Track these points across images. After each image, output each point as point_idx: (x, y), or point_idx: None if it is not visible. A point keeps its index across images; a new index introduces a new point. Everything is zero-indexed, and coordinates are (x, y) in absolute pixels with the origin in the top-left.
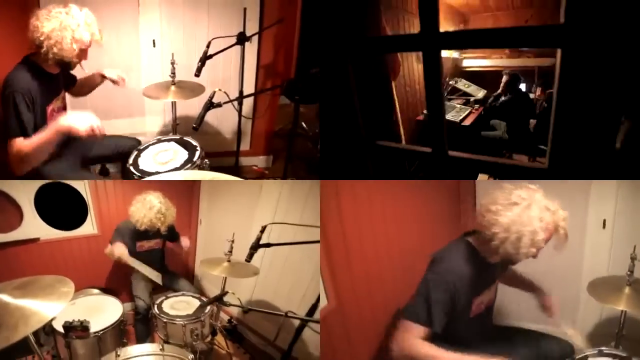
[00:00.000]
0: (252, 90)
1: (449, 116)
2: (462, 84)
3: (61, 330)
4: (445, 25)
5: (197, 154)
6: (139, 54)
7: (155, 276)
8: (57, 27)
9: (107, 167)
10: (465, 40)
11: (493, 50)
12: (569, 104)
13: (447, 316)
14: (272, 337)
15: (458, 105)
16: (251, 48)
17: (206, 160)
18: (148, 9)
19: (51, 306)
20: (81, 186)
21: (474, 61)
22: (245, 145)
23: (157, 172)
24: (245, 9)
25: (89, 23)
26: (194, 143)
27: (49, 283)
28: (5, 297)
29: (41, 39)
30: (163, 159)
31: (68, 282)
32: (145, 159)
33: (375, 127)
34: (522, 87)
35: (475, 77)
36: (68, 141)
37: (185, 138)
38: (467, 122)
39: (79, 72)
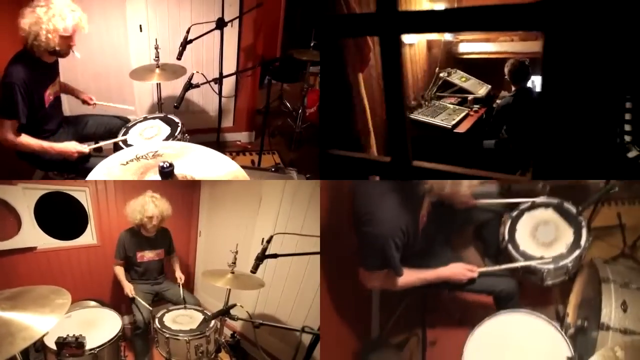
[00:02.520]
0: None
1: (437, 120)
2: (457, 77)
3: (53, 346)
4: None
5: (179, 129)
6: (127, 39)
7: (147, 311)
8: (33, 22)
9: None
10: (430, 22)
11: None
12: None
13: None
14: (279, 354)
15: (451, 106)
16: (232, 32)
17: (187, 135)
18: None
19: (43, 320)
20: (82, 196)
21: (473, 46)
22: (228, 122)
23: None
24: None
25: (72, 11)
26: (176, 120)
27: (43, 294)
28: None
29: (23, 35)
30: (148, 135)
31: (64, 292)
32: (133, 135)
33: (331, 129)
34: (537, 80)
35: (476, 67)
36: (63, 120)
37: (169, 116)
38: (461, 129)
39: (72, 59)
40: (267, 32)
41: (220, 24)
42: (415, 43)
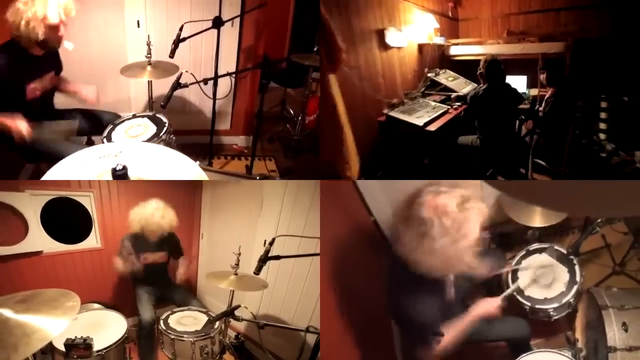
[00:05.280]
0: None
1: (411, 118)
2: (445, 77)
3: (62, 348)
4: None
5: (165, 129)
6: (125, 34)
7: (151, 313)
8: (15, 12)
9: (92, 139)
10: None
11: (488, 35)
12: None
13: None
14: (283, 355)
15: (433, 103)
16: (233, 31)
17: (173, 136)
18: None
19: (55, 322)
20: (87, 200)
21: (463, 48)
22: (225, 125)
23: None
24: None
25: (59, 3)
26: (164, 120)
27: (53, 297)
28: (6, 312)
29: (7, 27)
30: (133, 133)
31: (73, 295)
32: (118, 133)
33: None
34: (521, 80)
35: (466, 68)
36: (52, 114)
37: (157, 115)
38: (433, 127)
39: (69, 53)
40: (272, 34)
41: (218, 23)
42: (405, 46)
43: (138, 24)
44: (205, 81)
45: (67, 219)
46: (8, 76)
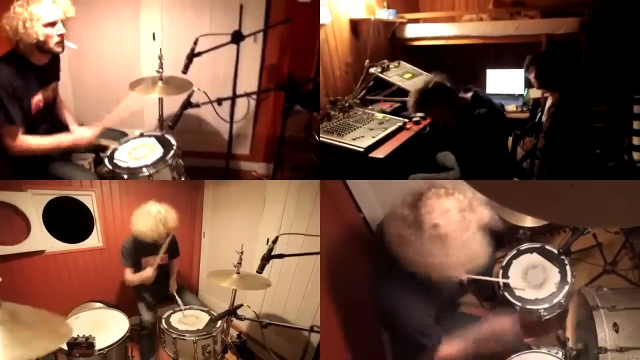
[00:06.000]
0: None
1: (345, 139)
2: (398, 73)
3: (64, 346)
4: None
5: (172, 152)
6: (139, 47)
7: (153, 312)
8: (11, 16)
9: (100, 156)
10: None
11: (464, 7)
12: None
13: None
14: (286, 354)
15: (381, 115)
16: (254, 47)
17: (180, 160)
18: (150, 2)
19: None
20: (88, 200)
21: (426, 28)
22: (244, 150)
23: (128, 168)
24: (241, 6)
25: (57, 2)
26: (173, 142)
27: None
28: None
29: (5, 35)
30: (138, 154)
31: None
32: (122, 153)
33: None
34: (517, 75)
35: (430, 58)
36: (55, 127)
37: (166, 135)
38: (381, 152)
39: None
40: (298, 52)
41: (237, 37)
42: (328, 23)
43: (154, 36)
44: (220, 101)
45: (69, 219)
46: (12, 89)
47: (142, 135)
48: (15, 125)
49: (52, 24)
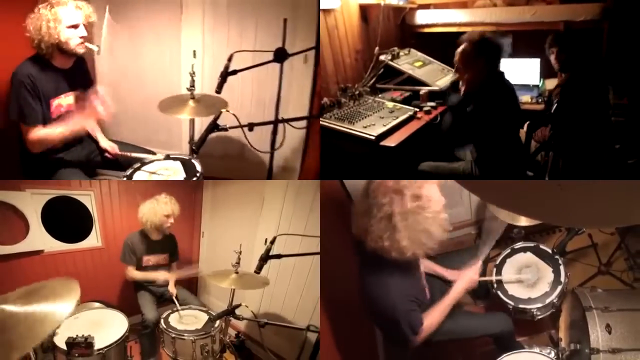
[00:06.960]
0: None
1: (356, 128)
2: (409, 61)
3: (63, 346)
4: None
5: (194, 179)
6: (180, 64)
7: (155, 312)
8: (36, 17)
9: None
10: None
11: None
12: None
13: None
14: (284, 353)
15: (391, 104)
16: (304, 68)
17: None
18: (191, 19)
19: (63, 306)
20: (87, 199)
21: (437, 14)
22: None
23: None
24: (285, 20)
25: (79, 7)
26: (198, 168)
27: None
28: (11, 307)
29: (29, 36)
30: (158, 177)
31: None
32: (142, 173)
33: None
34: (533, 64)
35: (442, 45)
36: (81, 137)
37: (192, 160)
38: (393, 140)
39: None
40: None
41: (280, 56)
42: (337, 8)
43: (194, 54)
44: (251, 127)
45: (67, 218)
46: (34, 88)
47: (168, 157)
48: (36, 126)
49: (75, 27)
